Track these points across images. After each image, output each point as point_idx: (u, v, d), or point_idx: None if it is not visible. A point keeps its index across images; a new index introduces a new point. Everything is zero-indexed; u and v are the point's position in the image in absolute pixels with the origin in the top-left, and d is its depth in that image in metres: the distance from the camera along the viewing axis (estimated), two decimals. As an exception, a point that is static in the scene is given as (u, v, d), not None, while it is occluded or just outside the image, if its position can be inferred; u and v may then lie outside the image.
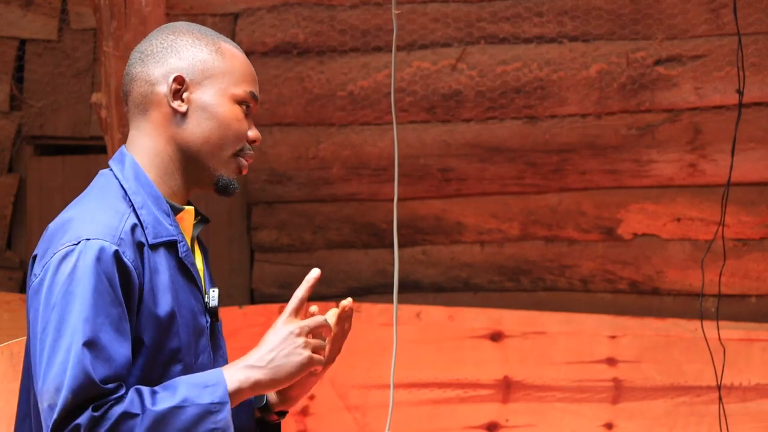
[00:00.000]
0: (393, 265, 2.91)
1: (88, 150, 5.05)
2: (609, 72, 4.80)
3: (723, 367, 4.17)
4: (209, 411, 2.03)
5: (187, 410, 2.02)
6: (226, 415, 2.03)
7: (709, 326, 4.22)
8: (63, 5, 5.15)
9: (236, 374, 2.08)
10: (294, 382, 2.15)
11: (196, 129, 2.19)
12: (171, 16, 4.59)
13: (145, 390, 2.03)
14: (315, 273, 2.20)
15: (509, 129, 4.89)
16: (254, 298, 5.01)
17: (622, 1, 4.79)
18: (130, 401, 2.00)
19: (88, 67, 5.11)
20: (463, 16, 4.90)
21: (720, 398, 4.02)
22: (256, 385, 2.09)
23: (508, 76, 4.87)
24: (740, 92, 4.07)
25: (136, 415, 1.99)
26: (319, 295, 4.92)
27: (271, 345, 2.10)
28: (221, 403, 2.04)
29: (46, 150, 5.21)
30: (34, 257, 2.13)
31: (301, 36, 4.98)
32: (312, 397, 4.69)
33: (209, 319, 2.21)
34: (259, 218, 5.02)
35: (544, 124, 4.86)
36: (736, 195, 4.54)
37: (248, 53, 4.93)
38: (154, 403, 2.01)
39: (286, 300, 2.19)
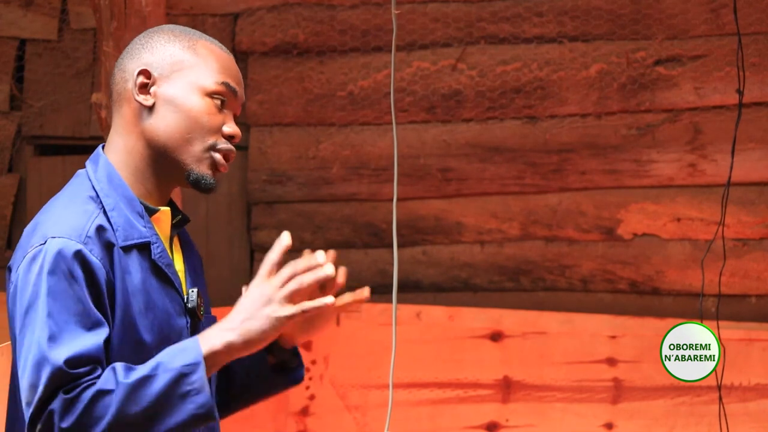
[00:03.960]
0: (393, 265, 2.91)
1: (88, 150, 5.00)
2: (609, 72, 4.80)
3: (723, 367, 4.17)
4: (182, 373, 2.01)
5: (161, 376, 2.00)
6: (200, 375, 2.01)
7: (709, 326, 4.21)
8: (63, 5, 5.15)
9: (209, 339, 2.05)
10: (286, 333, 2.17)
11: (161, 123, 2.16)
12: (171, 16, 4.59)
13: (120, 365, 2.02)
14: (285, 237, 2.13)
15: (509, 129, 4.89)
16: (254, 298, 4.99)
17: (622, 1, 4.79)
18: (104, 379, 2.00)
19: (88, 67, 5.11)
20: (463, 16, 4.90)
21: (720, 398, 4.01)
22: (230, 346, 2.05)
23: (508, 76, 4.87)
24: (740, 92, 4.07)
25: (110, 391, 1.99)
26: (319, 295, 4.91)
27: (242, 307, 2.07)
28: (194, 364, 2.01)
29: (46, 150, 5.21)
30: (10, 267, 2.14)
31: (301, 36, 4.98)
32: (312, 397, 4.69)
33: (189, 320, 2.20)
34: (259, 218, 5.02)
35: (544, 124, 4.86)
36: (736, 195, 4.54)
37: (248, 53, 4.96)
38: (127, 376, 2.00)
39: (286, 300, 2.18)
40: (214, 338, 2.05)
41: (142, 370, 2.01)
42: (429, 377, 4.69)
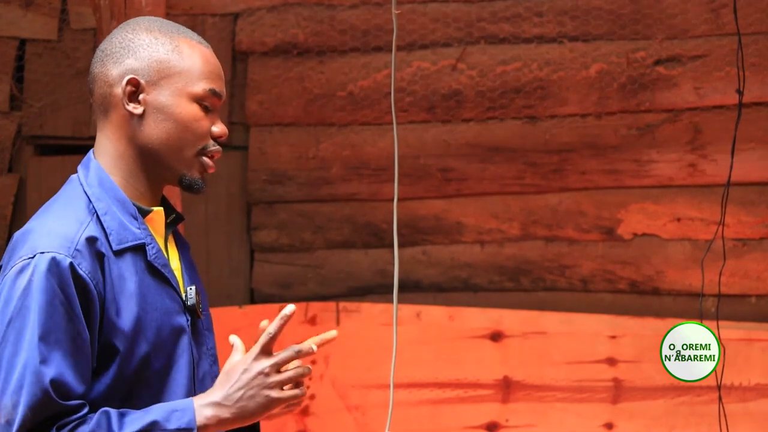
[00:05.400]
0: (393, 265, 2.91)
1: (88, 150, 5.03)
2: (609, 72, 4.80)
3: (723, 367, 4.17)
4: None
5: None
6: None
7: (709, 326, 4.21)
8: (63, 5, 5.15)
9: (204, 410, 2.08)
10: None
11: (153, 130, 2.17)
12: (171, 16, 4.59)
13: (113, 413, 2.03)
14: (290, 309, 2.14)
15: (509, 129, 4.89)
16: (254, 298, 5.00)
17: (622, 1, 4.79)
18: (97, 423, 2.01)
19: (88, 67, 5.10)
20: (463, 16, 4.90)
21: (720, 398, 4.01)
22: (222, 422, 2.09)
23: (508, 76, 4.87)
24: (740, 92, 4.07)
25: None
26: (319, 295, 4.92)
27: (239, 384, 2.10)
28: (188, 429, 2.05)
29: (46, 150, 5.21)
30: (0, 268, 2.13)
31: (301, 36, 4.97)
32: (312, 397, 4.69)
33: (189, 318, 2.20)
34: (259, 218, 5.02)
35: (544, 124, 4.86)
36: (736, 195, 4.54)
37: (248, 53, 4.96)
38: (120, 427, 2.02)
39: (287, 300, 2.19)
40: (207, 411, 2.08)
41: (135, 423, 2.03)
42: (429, 377, 4.69)
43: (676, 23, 4.76)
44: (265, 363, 2.11)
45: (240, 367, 2.11)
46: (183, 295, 2.21)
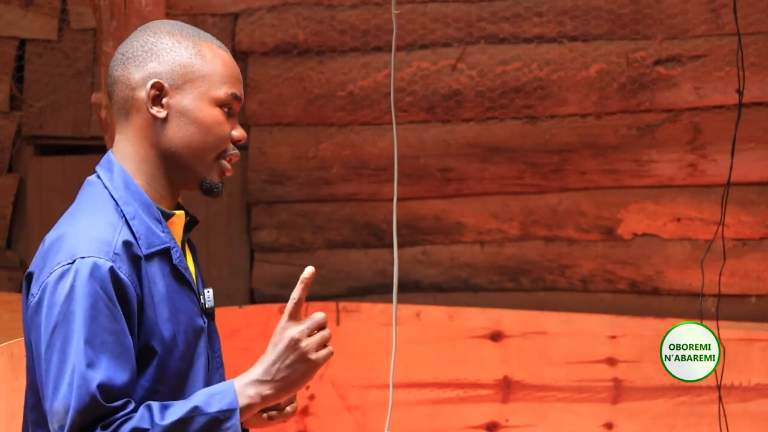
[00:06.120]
0: (393, 265, 2.91)
1: (88, 150, 5.04)
2: (609, 72, 4.80)
3: (723, 367, 4.17)
4: (218, 419, 2.04)
5: (196, 420, 2.03)
6: (234, 422, 2.05)
7: (709, 326, 4.21)
8: (63, 5, 5.15)
9: (246, 389, 2.08)
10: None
11: (177, 134, 2.18)
12: (171, 16, 4.59)
13: (155, 405, 2.04)
14: (309, 271, 2.14)
15: (509, 129, 4.89)
16: (254, 298, 5.00)
17: (622, 1, 4.79)
18: (140, 417, 2.02)
19: (88, 67, 5.11)
20: (463, 16, 4.90)
21: (720, 398, 4.01)
22: (266, 399, 2.09)
23: (508, 76, 4.87)
24: (740, 92, 4.07)
25: (146, 430, 2.01)
26: (319, 295, 4.92)
27: (274, 356, 2.10)
28: (230, 410, 2.05)
29: (46, 150, 5.21)
30: (29, 275, 2.13)
31: (301, 36, 4.98)
32: (312, 397, 4.69)
33: (206, 320, 2.21)
34: (259, 218, 5.02)
35: (544, 124, 4.86)
36: (736, 195, 4.54)
37: (248, 53, 4.97)
38: (162, 418, 2.02)
39: (286, 300, 2.18)
40: (250, 390, 2.09)
41: (177, 412, 2.03)
42: (429, 377, 4.69)
43: (676, 23, 4.76)
44: (295, 329, 2.10)
45: (272, 341, 2.11)
46: (201, 297, 2.21)
